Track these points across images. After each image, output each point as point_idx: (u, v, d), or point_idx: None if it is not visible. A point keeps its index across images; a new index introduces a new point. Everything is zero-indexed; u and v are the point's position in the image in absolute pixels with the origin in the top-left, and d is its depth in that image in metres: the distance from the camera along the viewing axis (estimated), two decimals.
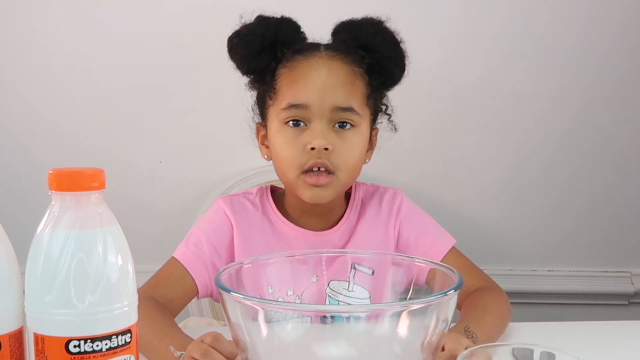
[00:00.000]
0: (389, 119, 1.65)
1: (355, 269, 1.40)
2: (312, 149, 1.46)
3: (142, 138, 2.29)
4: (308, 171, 1.48)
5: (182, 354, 1.16)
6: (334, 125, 1.49)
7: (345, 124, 1.50)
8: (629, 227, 2.38)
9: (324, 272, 1.41)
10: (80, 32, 2.22)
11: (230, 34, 1.53)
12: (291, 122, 1.49)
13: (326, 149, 1.46)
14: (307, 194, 1.50)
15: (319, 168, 1.48)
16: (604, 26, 2.23)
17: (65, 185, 0.83)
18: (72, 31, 2.22)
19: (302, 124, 1.49)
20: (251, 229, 1.60)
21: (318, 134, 1.46)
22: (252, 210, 1.62)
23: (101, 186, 0.85)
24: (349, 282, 1.42)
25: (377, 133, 1.63)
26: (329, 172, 1.48)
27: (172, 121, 2.28)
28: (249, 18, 1.52)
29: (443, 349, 1.16)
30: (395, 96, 1.64)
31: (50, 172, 0.83)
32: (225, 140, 2.23)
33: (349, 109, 1.49)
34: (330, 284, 1.44)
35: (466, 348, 1.01)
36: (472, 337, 1.25)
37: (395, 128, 1.66)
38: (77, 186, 0.83)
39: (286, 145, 1.50)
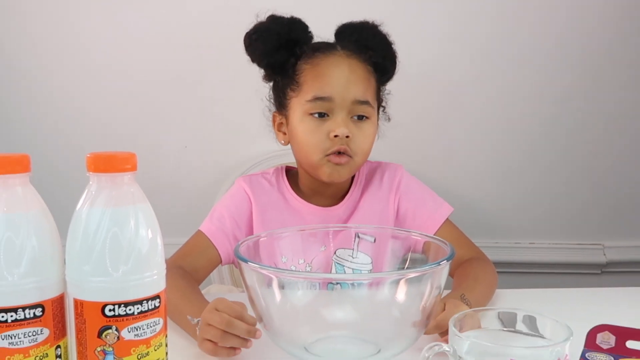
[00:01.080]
0: (383, 110, 1.65)
1: (359, 237, 1.41)
2: (335, 136, 1.47)
3: (169, 126, 2.30)
4: (331, 154, 1.49)
5: (198, 320, 1.16)
6: (352, 117, 1.50)
7: (362, 117, 1.51)
8: (601, 204, 2.38)
9: (331, 243, 1.42)
10: (114, 34, 2.22)
11: (245, 32, 1.52)
12: (317, 114, 1.49)
13: (347, 136, 1.47)
14: (328, 172, 1.50)
15: (339, 152, 1.48)
16: (579, 30, 2.22)
17: (101, 167, 0.83)
18: (108, 33, 2.22)
19: (325, 114, 1.49)
20: (268, 204, 1.61)
21: (340, 124, 1.47)
22: (268, 188, 1.63)
23: (133, 168, 0.85)
24: (353, 249, 1.43)
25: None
26: (348, 155, 1.49)
27: (196, 111, 2.29)
28: (262, 18, 1.52)
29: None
30: (396, 90, 1.64)
31: (88, 155, 0.83)
32: (243, 127, 2.23)
33: (365, 102, 1.50)
34: (336, 252, 1.45)
35: None
36: (468, 303, 1.25)
37: (389, 118, 1.66)
38: (112, 168, 0.83)
39: (311, 132, 1.50)
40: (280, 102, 1.59)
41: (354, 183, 1.64)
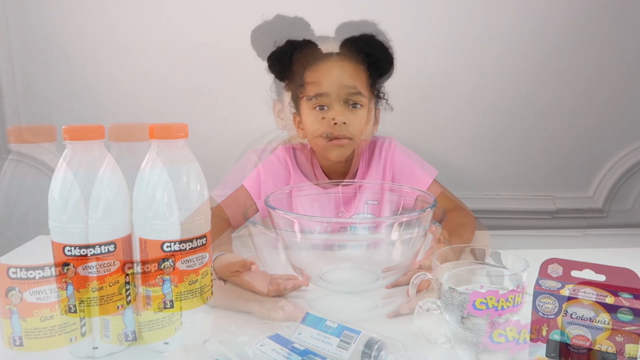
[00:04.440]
0: (386, 102, 1.64)
1: (367, 204, 1.42)
2: (335, 123, 1.47)
3: (214, 104, 2.29)
4: (333, 139, 1.49)
5: (219, 254, 1.19)
6: (348, 106, 1.50)
7: (355, 105, 1.50)
8: (551, 165, 2.36)
9: (347, 213, 1.43)
10: (172, 41, 2.22)
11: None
12: (318, 107, 1.50)
13: (344, 122, 1.47)
14: (334, 154, 1.51)
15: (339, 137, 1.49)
16: (531, 21, 2.19)
17: (160, 135, 0.83)
18: (167, 42, 2.22)
19: (325, 107, 1.50)
20: (304, 173, 1.61)
21: (338, 113, 1.48)
22: (305, 160, 1.63)
23: (185, 136, 0.85)
24: (364, 213, 1.43)
25: (379, 112, 1.63)
26: (347, 138, 1.49)
27: (234, 93, 2.28)
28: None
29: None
30: (396, 78, 1.64)
31: (151, 126, 0.83)
32: (269, 106, 2.23)
33: (357, 93, 1.50)
34: (352, 217, 1.45)
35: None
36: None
37: (392, 108, 1.65)
38: (169, 136, 0.83)
39: (316, 123, 1.50)
40: (296, 105, 1.60)
41: (361, 161, 1.63)
